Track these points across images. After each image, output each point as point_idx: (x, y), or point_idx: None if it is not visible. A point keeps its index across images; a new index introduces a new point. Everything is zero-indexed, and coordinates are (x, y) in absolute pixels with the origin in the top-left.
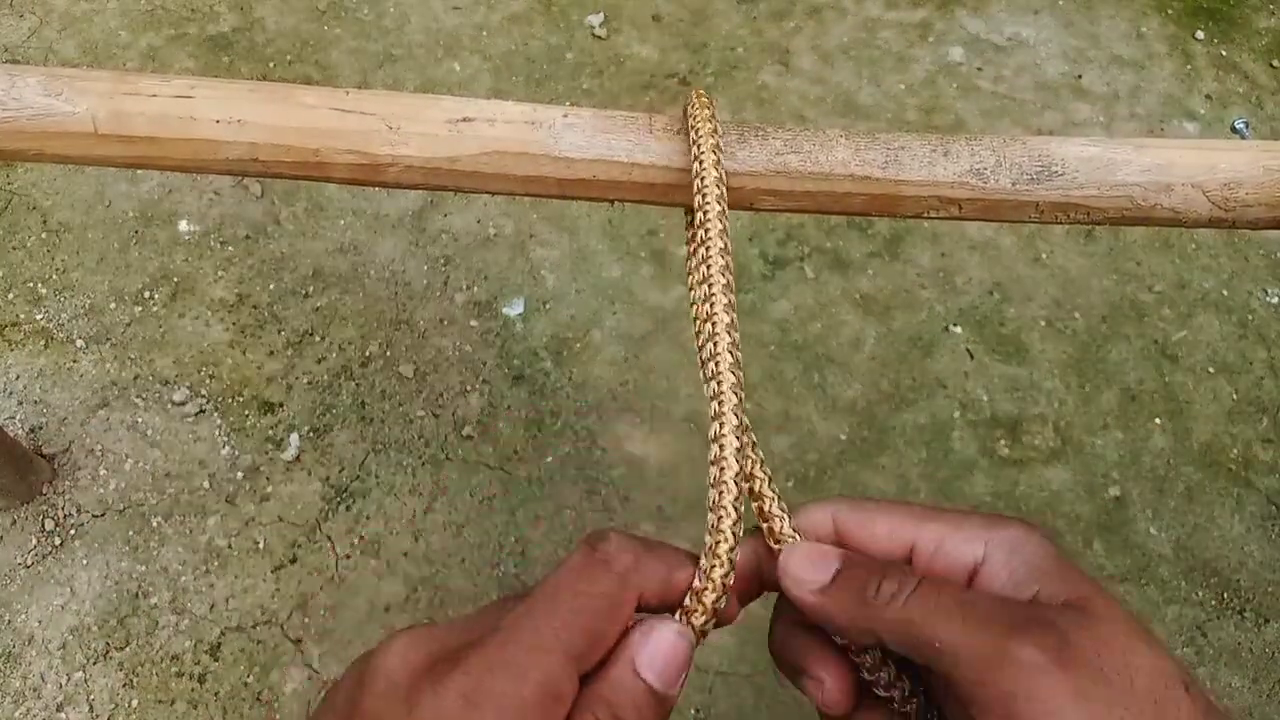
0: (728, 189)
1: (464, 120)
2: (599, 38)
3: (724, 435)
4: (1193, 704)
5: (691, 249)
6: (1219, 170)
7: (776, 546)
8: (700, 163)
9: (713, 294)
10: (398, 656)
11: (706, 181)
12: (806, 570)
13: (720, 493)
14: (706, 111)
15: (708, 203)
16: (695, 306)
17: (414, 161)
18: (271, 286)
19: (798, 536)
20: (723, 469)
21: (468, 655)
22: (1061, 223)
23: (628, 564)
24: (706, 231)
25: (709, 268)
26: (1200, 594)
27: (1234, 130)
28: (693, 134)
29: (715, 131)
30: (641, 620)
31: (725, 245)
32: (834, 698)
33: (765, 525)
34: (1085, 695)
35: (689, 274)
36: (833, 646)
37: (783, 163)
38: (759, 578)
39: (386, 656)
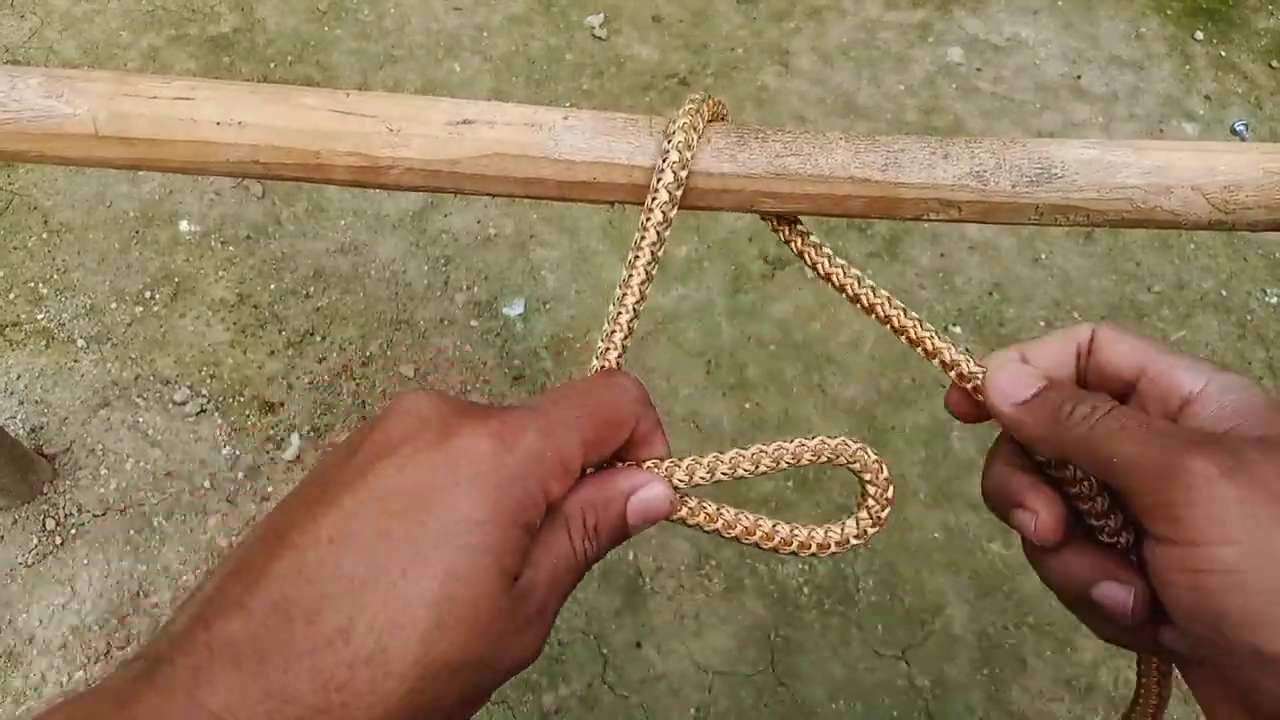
0: (727, 191)
1: (464, 122)
2: (599, 38)
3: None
4: None
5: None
6: (1219, 172)
7: (969, 385)
8: (663, 159)
9: (631, 277)
10: (427, 400)
11: (661, 178)
12: (1011, 386)
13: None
14: (688, 120)
15: (656, 192)
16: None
17: (414, 163)
18: (272, 286)
19: (983, 370)
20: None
21: (500, 412)
22: (1061, 225)
23: (638, 394)
24: (646, 221)
25: (635, 263)
26: None
27: (1233, 132)
28: (663, 141)
29: (690, 137)
30: (641, 466)
31: (658, 239)
32: (1047, 527)
33: (953, 372)
34: (1251, 506)
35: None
36: (1045, 480)
37: (782, 165)
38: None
39: (413, 399)
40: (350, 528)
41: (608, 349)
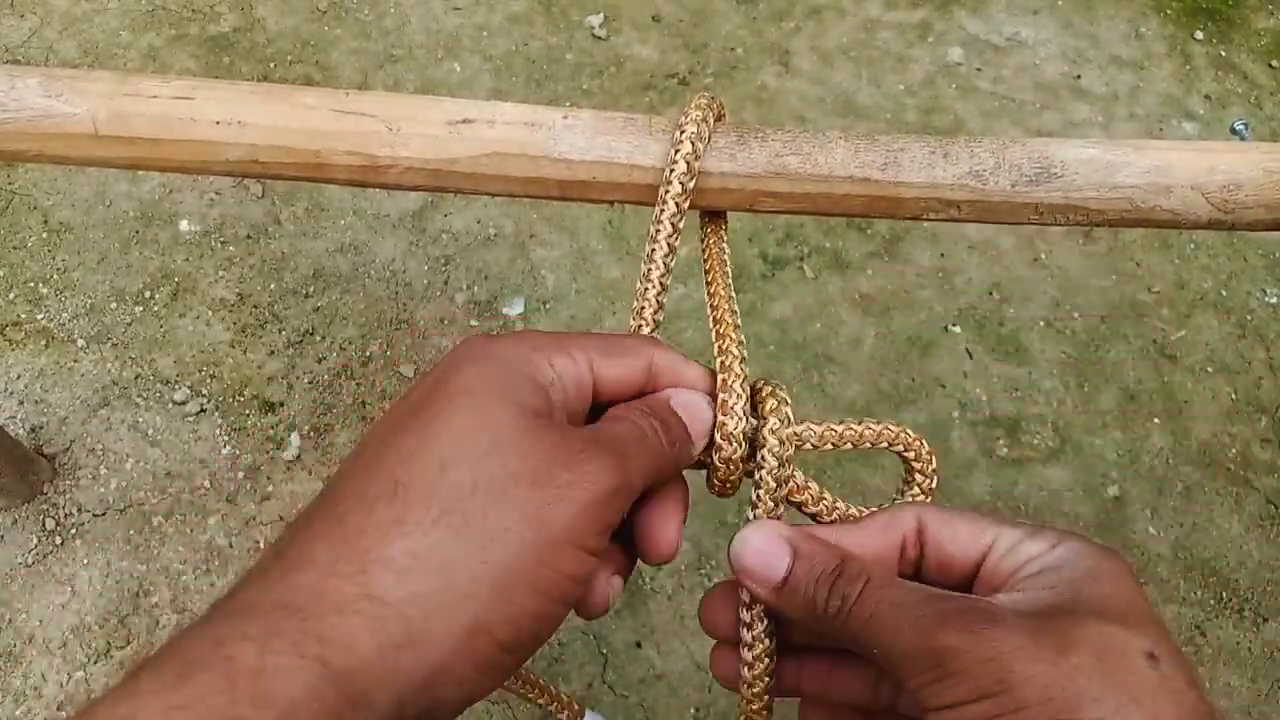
0: (727, 190)
1: (464, 121)
2: (599, 38)
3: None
4: (1151, 671)
5: (650, 235)
6: (1218, 172)
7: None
8: (673, 159)
9: (649, 282)
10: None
11: (672, 175)
12: (759, 566)
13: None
14: (698, 114)
15: (666, 197)
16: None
17: (414, 163)
18: (272, 286)
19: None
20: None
21: (560, 335)
22: (1061, 224)
23: (649, 338)
24: (658, 223)
25: (653, 256)
26: (1199, 593)
27: (1233, 132)
28: (675, 133)
29: (699, 134)
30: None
31: (672, 232)
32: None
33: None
34: (1002, 658)
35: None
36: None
37: (782, 164)
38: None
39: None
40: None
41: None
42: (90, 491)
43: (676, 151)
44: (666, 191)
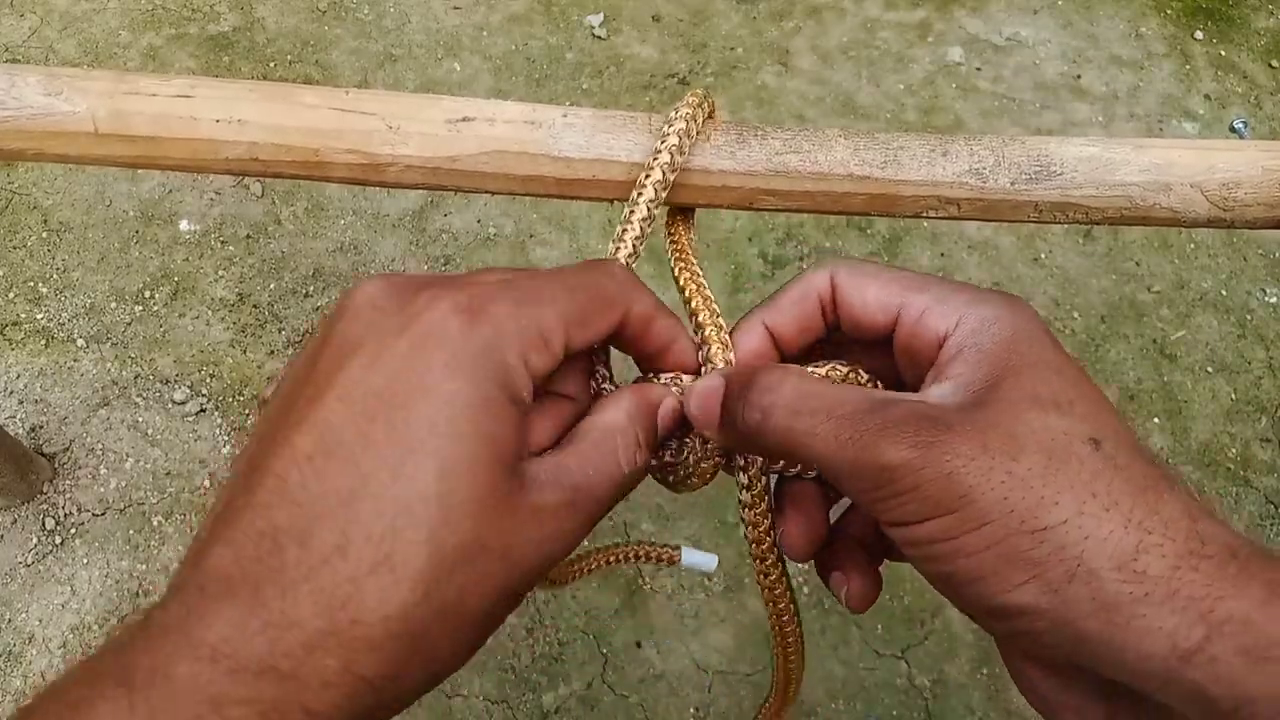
0: (726, 189)
1: (464, 120)
2: (599, 38)
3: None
4: (1099, 457)
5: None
6: (1218, 170)
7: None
8: (658, 149)
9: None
10: (381, 284)
11: (655, 163)
12: (703, 419)
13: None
14: (688, 110)
15: (646, 183)
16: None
17: (414, 161)
18: (272, 286)
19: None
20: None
21: (465, 282)
22: (1060, 222)
23: (625, 276)
24: (634, 206)
25: (623, 238)
26: None
27: (1233, 130)
28: (665, 125)
29: (688, 130)
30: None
31: (647, 216)
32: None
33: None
34: (949, 478)
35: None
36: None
37: (781, 162)
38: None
39: (366, 286)
40: (328, 441)
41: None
42: (90, 491)
43: (663, 142)
44: (647, 177)
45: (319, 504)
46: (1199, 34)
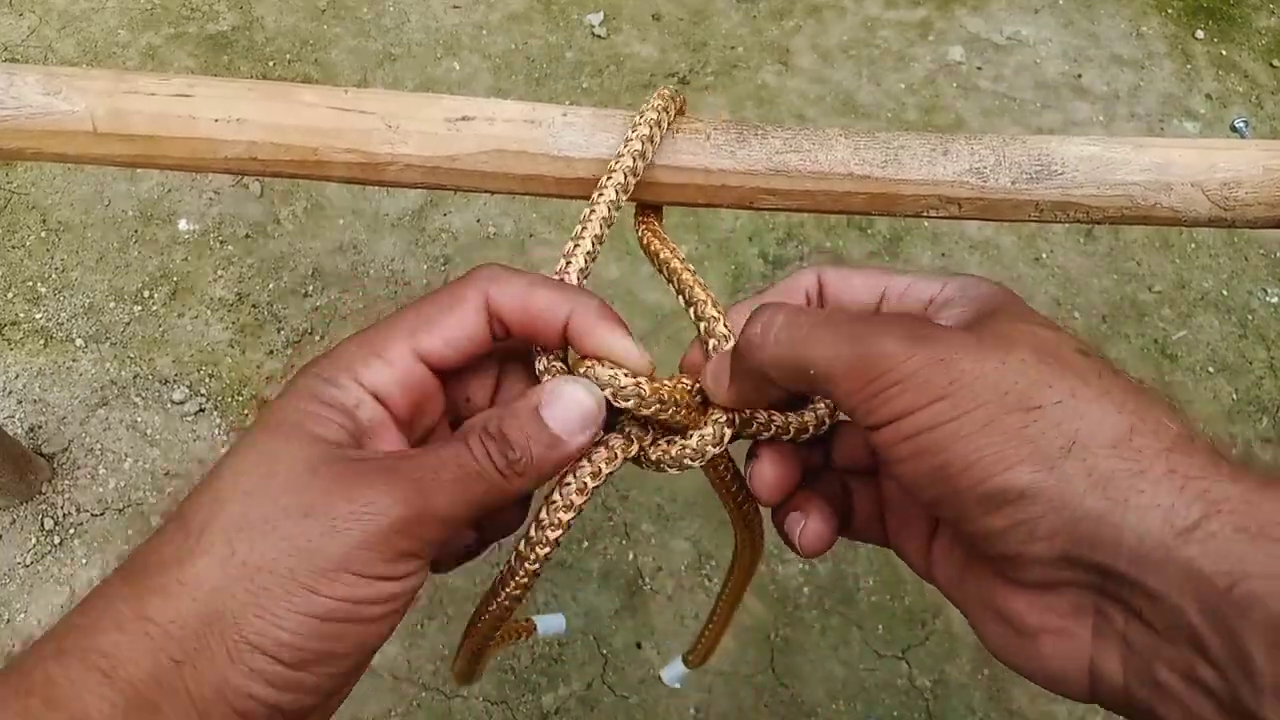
0: (726, 188)
1: (463, 119)
2: (599, 37)
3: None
4: (1087, 361)
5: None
6: (1219, 169)
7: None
8: (618, 155)
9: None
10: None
11: (617, 164)
12: (715, 384)
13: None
14: (653, 114)
15: (607, 184)
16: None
17: (413, 160)
18: (271, 286)
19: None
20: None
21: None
22: (1061, 221)
23: (488, 272)
24: (589, 214)
25: (577, 241)
26: None
27: (1234, 129)
28: (630, 127)
29: (651, 136)
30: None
31: (603, 221)
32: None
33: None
34: (944, 365)
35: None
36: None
37: (782, 161)
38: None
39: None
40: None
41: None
42: (89, 491)
43: (626, 144)
44: (608, 179)
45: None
46: (1200, 33)
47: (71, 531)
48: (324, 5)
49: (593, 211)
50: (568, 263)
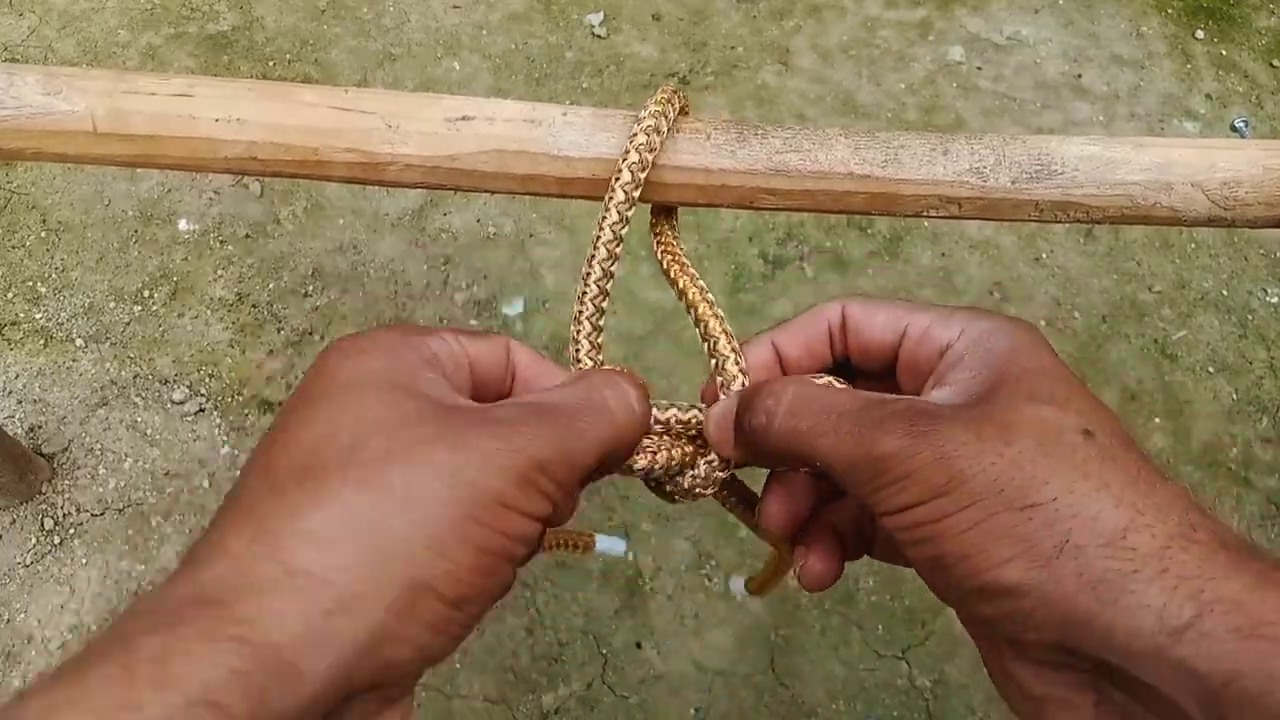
0: (727, 188)
1: (463, 119)
2: (599, 37)
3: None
4: (1090, 446)
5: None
6: (1219, 169)
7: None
8: (626, 150)
9: (592, 269)
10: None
11: (622, 167)
12: (719, 439)
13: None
14: (657, 108)
15: (615, 188)
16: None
17: (413, 160)
18: (271, 285)
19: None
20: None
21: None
22: (1061, 221)
23: (509, 338)
24: (602, 219)
25: (596, 247)
26: None
27: (1234, 129)
28: (633, 124)
29: (657, 128)
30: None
31: (618, 223)
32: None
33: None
34: (937, 464)
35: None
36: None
37: (782, 161)
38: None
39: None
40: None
41: (577, 358)
42: (89, 491)
43: (631, 141)
44: (616, 180)
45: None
46: (1200, 33)
47: (71, 531)
48: (324, 5)
49: (605, 217)
50: (588, 273)
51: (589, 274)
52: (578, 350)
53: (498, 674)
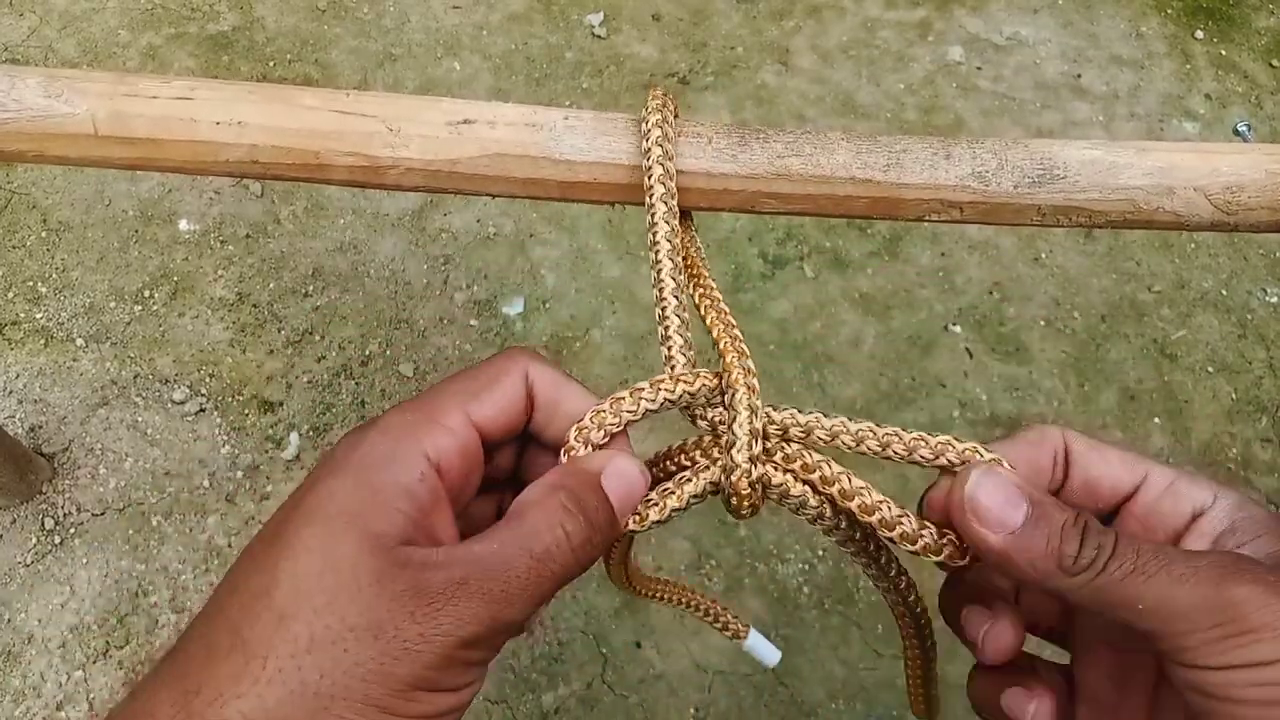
0: (728, 192)
1: (464, 122)
2: (599, 37)
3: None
4: None
5: (648, 243)
6: (1221, 173)
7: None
8: (648, 161)
9: (662, 282)
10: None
11: (653, 179)
12: (1000, 505)
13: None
14: (657, 115)
15: (654, 201)
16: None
17: (414, 163)
18: (271, 285)
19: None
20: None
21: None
22: (1063, 226)
23: (518, 353)
24: (654, 230)
25: (657, 260)
26: None
27: (1236, 133)
28: (643, 139)
29: (664, 135)
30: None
31: (672, 232)
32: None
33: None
34: None
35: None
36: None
37: (784, 165)
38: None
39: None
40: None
41: (668, 359)
42: (89, 491)
43: (649, 156)
44: (650, 190)
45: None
46: (1199, 33)
47: (72, 531)
48: (324, 5)
49: (655, 229)
50: (660, 290)
51: (660, 289)
52: (672, 366)
53: (498, 674)
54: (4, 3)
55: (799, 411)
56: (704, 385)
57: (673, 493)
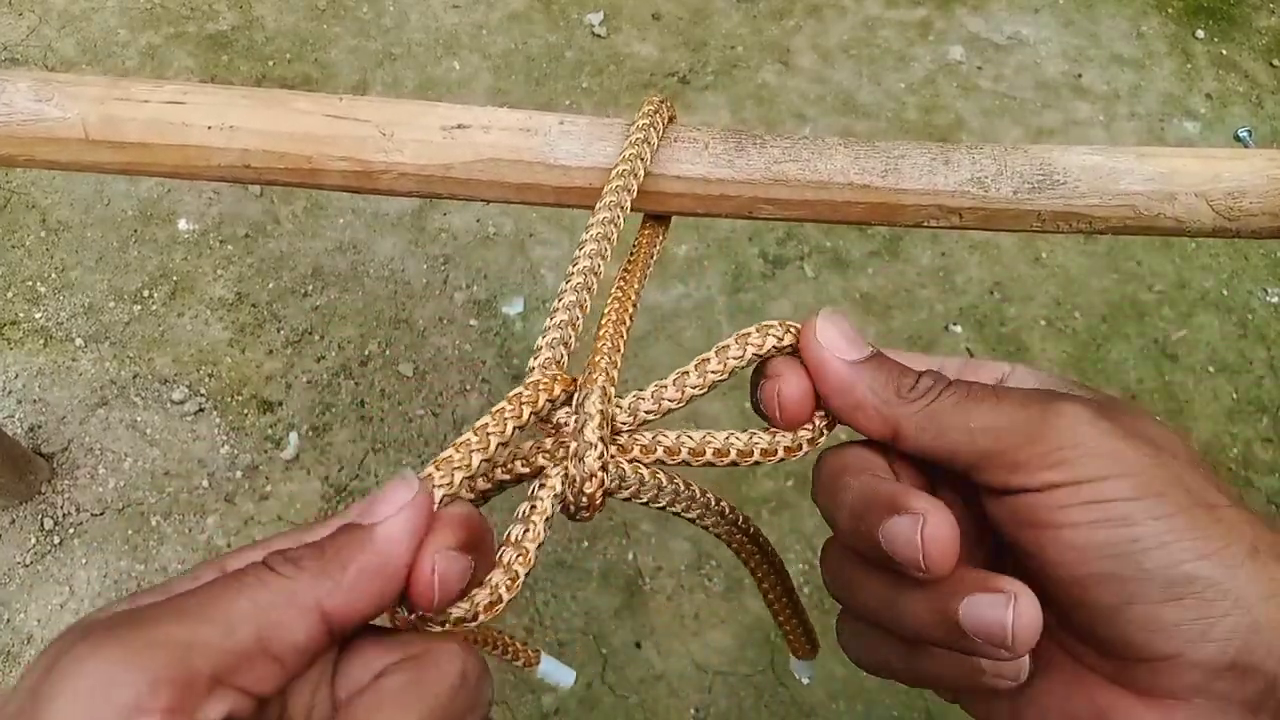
0: (725, 197)
1: (459, 127)
2: (599, 36)
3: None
4: (1220, 487)
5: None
6: (1223, 179)
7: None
8: (616, 164)
9: (572, 278)
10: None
11: (611, 182)
12: (840, 341)
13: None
14: (645, 121)
15: (603, 202)
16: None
17: (408, 169)
18: (270, 285)
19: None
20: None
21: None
22: (1063, 232)
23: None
24: (589, 229)
25: (577, 260)
26: None
27: (1238, 139)
28: (625, 139)
29: (645, 139)
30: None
31: (603, 241)
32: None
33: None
34: (1135, 440)
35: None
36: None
37: (781, 171)
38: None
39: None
40: None
41: (532, 367)
42: (88, 491)
43: (622, 154)
44: (606, 189)
45: None
46: (1200, 33)
47: (71, 531)
48: (324, 5)
49: (589, 229)
50: (565, 282)
51: (568, 282)
52: (534, 359)
53: (497, 674)
54: (3, 2)
55: (620, 399)
56: (548, 398)
57: (528, 530)
